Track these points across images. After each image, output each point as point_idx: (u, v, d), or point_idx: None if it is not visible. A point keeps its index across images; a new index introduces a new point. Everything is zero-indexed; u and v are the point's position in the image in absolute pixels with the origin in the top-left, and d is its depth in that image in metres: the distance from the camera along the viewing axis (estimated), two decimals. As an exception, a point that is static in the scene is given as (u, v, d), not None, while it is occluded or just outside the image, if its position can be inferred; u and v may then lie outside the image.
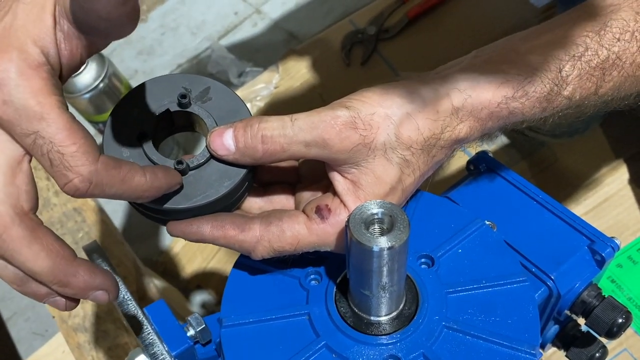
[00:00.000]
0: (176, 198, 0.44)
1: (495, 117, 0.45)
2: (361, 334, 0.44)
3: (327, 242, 0.45)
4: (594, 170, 0.99)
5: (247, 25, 1.49)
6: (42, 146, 0.36)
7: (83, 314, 0.87)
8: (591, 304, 0.52)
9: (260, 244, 0.45)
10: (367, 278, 0.41)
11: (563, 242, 0.54)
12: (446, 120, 0.44)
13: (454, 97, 0.44)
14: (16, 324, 1.15)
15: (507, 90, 0.45)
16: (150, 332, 0.48)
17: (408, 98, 0.44)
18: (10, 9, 0.39)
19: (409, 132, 0.43)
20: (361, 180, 0.44)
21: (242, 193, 0.47)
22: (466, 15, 1.21)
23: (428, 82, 0.45)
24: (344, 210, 0.44)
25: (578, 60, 0.46)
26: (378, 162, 0.44)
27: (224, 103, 0.46)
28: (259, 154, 0.43)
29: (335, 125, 0.42)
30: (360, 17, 1.27)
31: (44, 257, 0.38)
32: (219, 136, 0.44)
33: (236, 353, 0.45)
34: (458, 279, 0.47)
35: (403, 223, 0.39)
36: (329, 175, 0.46)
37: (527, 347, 0.43)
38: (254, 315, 0.47)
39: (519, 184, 0.57)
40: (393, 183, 0.44)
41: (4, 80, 0.36)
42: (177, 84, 0.47)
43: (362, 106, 0.43)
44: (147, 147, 0.44)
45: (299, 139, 0.42)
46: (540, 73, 0.45)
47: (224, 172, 0.45)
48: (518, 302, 0.46)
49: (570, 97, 0.46)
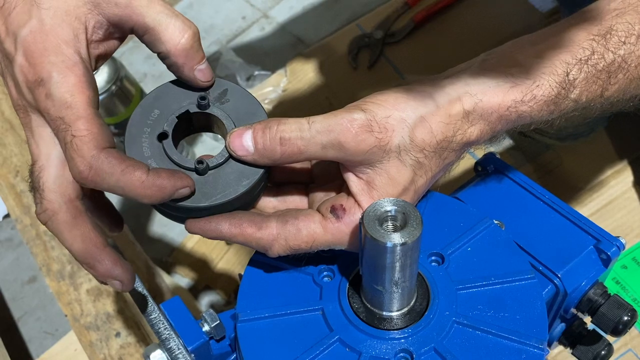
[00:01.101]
0: (196, 196, 0.45)
1: (505, 121, 0.47)
2: (374, 328, 0.45)
3: (342, 241, 0.46)
4: (598, 172, 1.01)
5: (255, 29, 1.50)
6: (63, 130, 0.42)
7: (95, 312, 0.89)
8: (597, 302, 0.54)
9: (277, 242, 0.46)
10: (380, 274, 0.42)
11: (569, 242, 0.55)
12: (458, 123, 0.45)
13: (465, 101, 0.45)
14: (27, 323, 1.16)
15: (516, 94, 0.46)
16: (166, 327, 0.49)
17: (422, 102, 0.45)
18: (32, 14, 0.43)
19: (423, 135, 0.45)
20: (375, 181, 0.45)
21: (259, 192, 0.49)
22: (472, 20, 1.22)
23: (441, 86, 0.46)
24: (358, 210, 0.46)
25: (585, 63, 0.47)
26: (392, 164, 0.45)
27: (242, 105, 0.48)
28: (277, 155, 0.44)
29: (352, 128, 0.43)
30: (367, 21, 1.29)
31: (80, 241, 0.43)
32: (239, 137, 0.45)
33: (251, 347, 0.46)
34: (468, 276, 0.49)
35: (416, 220, 0.40)
36: (344, 175, 0.47)
37: (535, 342, 0.45)
38: (269, 310, 0.48)
39: (526, 184, 0.59)
40: (406, 184, 0.46)
41: (46, 79, 0.41)
42: None
43: (377, 109, 0.44)
44: (167, 147, 0.46)
45: (316, 141, 0.43)
46: (548, 77, 0.46)
47: (241, 171, 0.46)
48: (526, 298, 0.47)
49: (577, 100, 0.48)
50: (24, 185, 1.04)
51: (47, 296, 1.18)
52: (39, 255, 0.96)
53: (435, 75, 0.48)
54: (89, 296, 0.90)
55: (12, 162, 1.07)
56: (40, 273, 1.13)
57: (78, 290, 0.91)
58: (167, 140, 0.46)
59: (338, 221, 0.45)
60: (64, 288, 0.92)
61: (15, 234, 1.27)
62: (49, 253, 0.96)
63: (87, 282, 0.92)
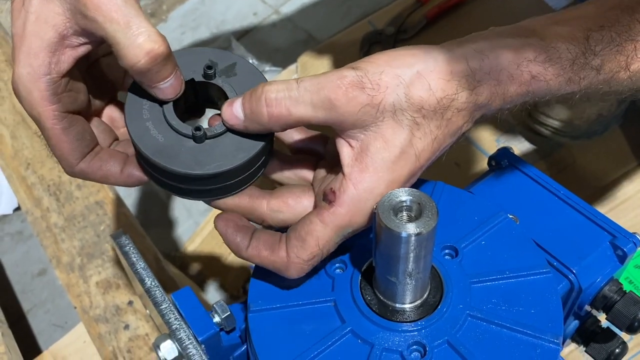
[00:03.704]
0: (189, 164, 0.44)
1: (517, 82, 0.43)
2: (386, 320, 0.45)
3: (344, 225, 0.44)
4: (612, 171, 1.00)
5: (266, 25, 1.50)
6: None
7: (104, 305, 0.89)
8: (612, 298, 0.53)
9: (292, 262, 0.45)
10: (394, 264, 0.42)
11: (585, 237, 0.54)
12: (461, 81, 0.42)
13: (470, 58, 0.42)
14: (36, 315, 1.17)
15: (529, 53, 0.43)
16: (176, 318, 0.49)
17: (419, 58, 0.42)
18: (21, 14, 0.44)
19: (420, 92, 0.41)
20: (369, 147, 0.42)
21: (259, 167, 0.47)
22: (484, 17, 1.21)
23: (443, 45, 0.43)
24: (349, 186, 0.43)
25: (608, 30, 0.43)
26: (387, 125, 0.42)
27: (248, 80, 0.47)
28: (264, 118, 0.43)
29: (342, 85, 0.41)
30: (378, 17, 1.28)
31: None
32: (230, 106, 0.44)
33: (263, 337, 0.46)
34: (482, 270, 0.48)
35: (431, 210, 0.40)
36: (337, 144, 0.44)
37: (550, 337, 0.44)
38: (281, 301, 0.48)
39: (540, 179, 0.58)
40: (403, 146, 0.42)
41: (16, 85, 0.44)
42: (206, 56, 0.48)
43: (370, 66, 0.42)
44: (167, 112, 0.45)
45: (305, 99, 0.41)
46: (565, 40, 0.43)
47: (239, 144, 0.45)
48: (541, 292, 0.47)
49: (599, 69, 0.44)
50: (35, 178, 1.04)
51: (57, 289, 1.19)
52: (49, 248, 0.96)
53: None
54: (99, 288, 0.90)
55: (23, 155, 1.08)
56: (50, 266, 1.13)
57: (87, 282, 0.91)
58: (168, 105, 0.45)
59: (332, 206, 0.43)
60: (74, 280, 0.92)
61: (25, 227, 1.28)
62: (59, 245, 0.96)
63: (97, 275, 0.92)
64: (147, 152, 0.45)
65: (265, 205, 0.47)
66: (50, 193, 1.02)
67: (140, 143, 0.45)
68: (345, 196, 0.43)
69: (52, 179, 1.03)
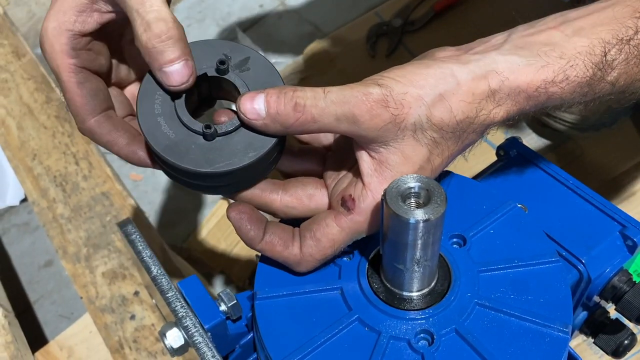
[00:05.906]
0: (198, 161, 0.44)
1: (534, 101, 0.44)
2: (394, 308, 0.45)
3: (360, 230, 0.46)
4: (620, 163, 0.99)
5: (272, 17, 1.49)
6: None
7: (110, 295, 0.89)
8: (622, 289, 0.52)
9: (304, 261, 0.46)
10: (401, 251, 0.41)
11: (594, 227, 0.54)
12: (482, 103, 0.43)
13: (491, 80, 0.43)
14: (42, 306, 1.17)
15: (547, 74, 0.43)
16: (183, 306, 0.49)
17: (442, 79, 0.43)
18: None
19: (441, 114, 0.43)
20: (389, 160, 0.44)
21: (268, 166, 0.47)
22: (493, 9, 1.20)
23: (465, 63, 0.44)
24: (368, 195, 0.44)
25: (626, 44, 0.44)
26: (407, 143, 0.43)
27: (262, 75, 0.47)
28: (290, 121, 0.43)
29: (367, 101, 0.42)
30: (386, 9, 1.27)
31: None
32: (250, 100, 0.44)
33: (269, 324, 0.46)
34: (490, 259, 0.48)
35: (440, 197, 0.39)
36: (356, 154, 0.45)
37: (560, 325, 0.44)
38: (287, 288, 0.47)
39: (549, 169, 0.57)
40: (422, 163, 0.44)
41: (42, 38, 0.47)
42: (219, 50, 0.47)
43: (394, 85, 0.43)
44: (178, 107, 0.45)
45: (330, 111, 0.42)
46: (584, 57, 0.44)
47: (250, 142, 0.45)
48: (550, 281, 0.46)
49: (614, 83, 0.45)
50: (41, 169, 1.04)
51: (63, 280, 1.19)
52: (56, 238, 0.96)
53: (462, 47, 0.46)
54: (105, 279, 0.90)
55: (29, 146, 1.08)
56: (56, 257, 1.13)
57: (94, 272, 0.91)
58: (180, 100, 0.45)
59: (350, 213, 0.45)
60: (80, 270, 0.92)
61: (32, 218, 1.28)
62: (65, 236, 0.96)
63: (103, 265, 0.92)
64: (157, 148, 0.45)
65: (279, 201, 0.48)
66: (56, 184, 1.02)
67: (151, 138, 0.45)
68: (364, 205, 0.44)
69: (58, 170, 1.03)
